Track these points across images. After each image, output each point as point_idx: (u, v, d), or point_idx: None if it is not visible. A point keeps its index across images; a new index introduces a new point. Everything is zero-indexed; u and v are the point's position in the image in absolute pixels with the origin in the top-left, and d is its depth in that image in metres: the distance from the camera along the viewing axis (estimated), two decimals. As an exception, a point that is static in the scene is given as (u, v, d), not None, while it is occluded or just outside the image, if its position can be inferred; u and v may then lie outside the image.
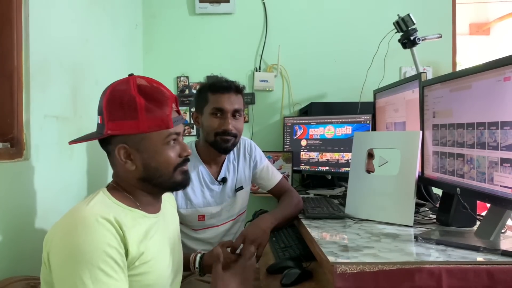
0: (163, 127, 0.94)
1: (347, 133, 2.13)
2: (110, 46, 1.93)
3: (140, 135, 0.94)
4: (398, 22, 2.04)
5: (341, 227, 1.39)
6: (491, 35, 4.37)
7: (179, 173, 1.00)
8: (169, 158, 0.97)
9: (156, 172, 0.97)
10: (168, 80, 2.58)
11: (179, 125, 1.00)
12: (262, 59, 2.59)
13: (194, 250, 1.39)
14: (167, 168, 0.98)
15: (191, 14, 2.59)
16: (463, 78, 1.20)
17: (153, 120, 0.93)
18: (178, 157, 0.99)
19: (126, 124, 0.93)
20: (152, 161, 0.96)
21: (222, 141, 1.49)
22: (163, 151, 0.96)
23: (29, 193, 1.18)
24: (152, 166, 0.96)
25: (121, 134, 0.94)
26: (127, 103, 0.92)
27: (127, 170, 0.97)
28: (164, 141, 0.96)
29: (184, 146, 1.01)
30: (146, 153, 0.95)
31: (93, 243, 0.82)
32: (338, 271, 0.96)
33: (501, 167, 1.03)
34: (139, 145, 0.95)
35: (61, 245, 0.84)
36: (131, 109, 0.92)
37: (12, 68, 1.11)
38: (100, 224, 0.84)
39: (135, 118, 0.92)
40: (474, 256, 1.03)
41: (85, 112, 1.54)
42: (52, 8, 1.32)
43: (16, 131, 1.12)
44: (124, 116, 0.92)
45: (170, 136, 0.96)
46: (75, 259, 0.81)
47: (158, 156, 0.96)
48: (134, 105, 0.92)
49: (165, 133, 0.95)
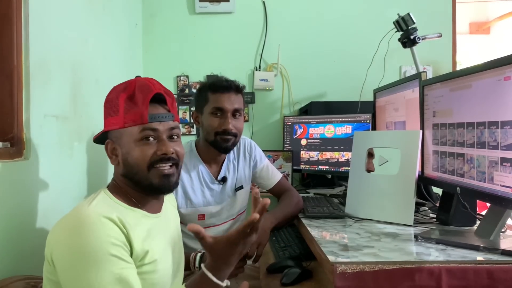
0: (138, 122, 0.95)
1: (347, 133, 2.13)
2: (109, 46, 1.93)
3: (120, 130, 0.97)
4: (398, 21, 2.03)
5: (341, 226, 1.39)
6: (491, 34, 4.37)
7: (156, 175, 0.97)
8: (142, 154, 0.95)
9: (132, 168, 0.96)
10: (168, 79, 2.58)
11: (164, 123, 0.97)
12: (262, 58, 2.59)
13: (194, 250, 1.39)
14: (140, 165, 0.95)
15: (191, 13, 2.59)
16: (463, 78, 1.20)
17: (131, 115, 0.95)
18: (154, 154, 0.96)
19: (110, 120, 0.98)
20: (129, 156, 0.96)
21: (222, 140, 1.49)
22: (137, 147, 0.95)
23: (29, 192, 1.18)
24: (129, 162, 0.96)
25: (107, 130, 0.99)
26: (113, 101, 0.97)
27: (115, 166, 1.01)
28: (139, 136, 0.95)
29: (164, 144, 0.97)
30: (124, 148, 0.97)
31: (97, 243, 0.82)
32: (338, 270, 0.96)
33: (501, 166, 1.03)
34: (120, 140, 0.97)
35: (66, 246, 0.84)
36: (114, 106, 0.97)
37: (12, 67, 1.11)
38: (103, 223, 0.85)
39: (116, 114, 0.96)
40: (474, 256, 1.03)
41: (85, 111, 1.54)
42: (52, 8, 1.32)
43: (16, 130, 1.12)
44: (110, 113, 0.98)
45: (144, 131, 0.95)
46: (80, 260, 0.81)
47: (132, 151, 0.95)
48: (116, 101, 0.96)
49: (140, 128, 0.95)
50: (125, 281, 0.84)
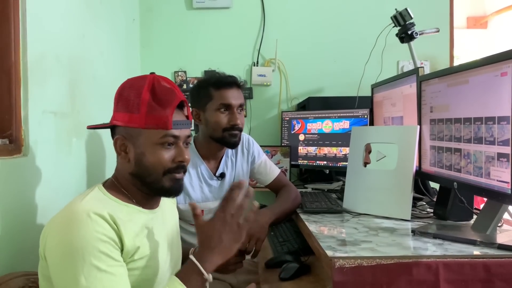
0: (161, 126, 0.94)
1: (344, 128, 2.13)
2: (107, 41, 1.92)
3: (138, 129, 0.94)
4: (395, 16, 2.03)
5: (339, 221, 1.40)
6: (489, 29, 4.36)
7: (168, 179, 0.97)
8: (161, 159, 0.95)
9: (146, 171, 0.96)
10: (166, 74, 2.55)
11: (183, 130, 0.98)
12: (260, 53, 2.59)
13: (192, 245, 1.40)
14: (156, 170, 0.95)
15: (189, 8, 2.58)
16: (461, 73, 1.20)
17: (153, 118, 0.93)
18: (172, 162, 0.97)
19: (128, 116, 0.95)
20: (144, 158, 0.95)
21: (231, 136, 1.50)
22: (156, 151, 0.95)
23: (28, 189, 1.18)
24: (144, 163, 0.95)
25: (122, 125, 0.96)
26: (133, 97, 0.94)
27: (123, 162, 0.99)
28: (159, 141, 0.94)
29: (182, 152, 0.97)
30: (140, 149, 0.95)
31: (84, 239, 0.82)
32: (336, 265, 0.97)
33: (498, 161, 1.04)
34: (136, 139, 0.95)
35: (56, 242, 0.85)
36: (135, 103, 0.94)
37: (10, 64, 1.11)
38: (92, 219, 0.85)
39: (136, 112, 0.94)
40: (470, 250, 1.04)
41: (83, 107, 1.54)
42: (49, 3, 1.31)
43: (14, 127, 1.12)
44: (127, 108, 0.95)
45: (166, 137, 0.94)
46: (68, 255, 0.82)
47: (150, 155, 0.95)
48: (138, 99, 0.94)
49: (162, 133, 0.94)
50: (111, 279, 0.83)
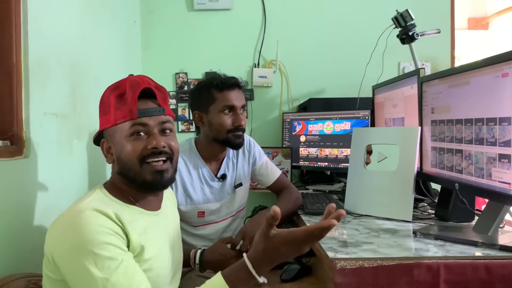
0: (127, 118, 0.95)
1: (346, 129, 2.13)
2: (108, 43, 1.92)
3: (112, 128, 0.97)
4: (396, 18, 2.03)
5: (340, 222, 1.39)
6: (490, 30, 4.35)
7: (148, 172, 0.96)
8: (133, 149, 0.95)
9: (126, 165, 0.96)
10: (167, 76, 2.57)
11: (153, 117, 0.97)
12: (261, 55, 2.59)
13: (194, 246, 1.40)
14: (132, 161, 0.95)
15: (189, 10, 2.59)
16: (462, 74, 1.20)
17: (121, 112, 0.96)
18: (144, 149, 0.95)
19: (103, 119, 1.00)
20: (121, 153, 0.96)
21: (235, 137, 1.51)
22: (128, 142, 0.95)
23: (30, 190, 1.19)
24: (122, 158, 0.96)
25: (101, 128, 1.00)
26: (105, 100, 0.98)
27: (111, 164, 1.01)
28: (129, 132, 0.95)
29: (154, 138, 0.96)
30: (117, 145, 0.97)
31: (93, 232, 0.83)
32: (338, 266, 0.97)
33: (499, 162, 1.04)
34: (113, 138, 0.98)
35: (64, 241, 0.85)
36: (105, 105, 0.98)
37: (11, 65, 1.11)
38: (97, 215, 0.86)
39: (108, 113, 0.97)
40: (472, 251, 1.03)
41: (84, 109, 1.54)
42: (50, 5, 1.32)
43: (16, 128, 1.12)
44: (103, 112, 0.99)
45: (134, 126, 0.95)
46: (78, 252, 0.82)
47: (124, 147, 0.95)
48: (107, 100, 0.97)
49: (129, 124, 0.95)
50: (126, 265, 0.85)
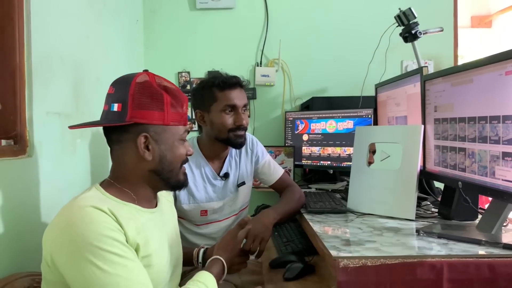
0: (181, 123, 1.02)
1: (348, 128, 2.13)
2: (111, 42, 1.93)
3: (162, 126, 0.98)
4: (399, 16, 2.03)
5: (343, 221, 1.40)
6: (493, 28, 4.34)
7: (182, 173, 1.06)
8: (181, 153, 1.03)
9: (170, 165, 1.01)
10: (170, 75, 2.57)
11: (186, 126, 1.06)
12: (263, 53, 2.59)
13: (197, 245, 1.40)
14: (178, 163, 1.03)
15: (192, 9, 2.59)
16: (465, 72, 1.20)
17: (175, 115, 0.99)
18: (186, 154, 1.05)
19: (153, 114, 0.96)
20: (169, 153, 1.00)
21: (237, 136, 1.51)
22: (179, 146, 1.02)
23: (33, 189, 1.19)
24: (168, 158, 1.00)
25: (147, 123, 0.96)
26: (155, 95, 0.97)
27: (140, 160, 0.97)
28: (181, 137, 1.03)
29: (188, 146, 1.07)
30: (164, 145, 0.99)
31: (95, 229, 0.83)
32: (341, 265, 0.97)
33: (503, 161, 1.03)
34: (160, 136, 0.98)
35: (64, 241, 0.84)
36: (159, 101, 0.97)
37: (15, 65, 1.12)
38: (94, 212, 0.85)
39: (161, 110, 0.97)
40: (475, 250, 1.03)
41: (87, 108, 1.55)
42: (53, 5, 1.32)
43: (19, 128, 1.13)
44: (151, 106, 0.96)
45: (185, 133, 1.04)
46: (82, 249, 0.81)
47: (174, 150, 1.01)
48: (161, 98, 0.97)
49: (182, 129, 1.03)
50: (132, 259, 0.86)
